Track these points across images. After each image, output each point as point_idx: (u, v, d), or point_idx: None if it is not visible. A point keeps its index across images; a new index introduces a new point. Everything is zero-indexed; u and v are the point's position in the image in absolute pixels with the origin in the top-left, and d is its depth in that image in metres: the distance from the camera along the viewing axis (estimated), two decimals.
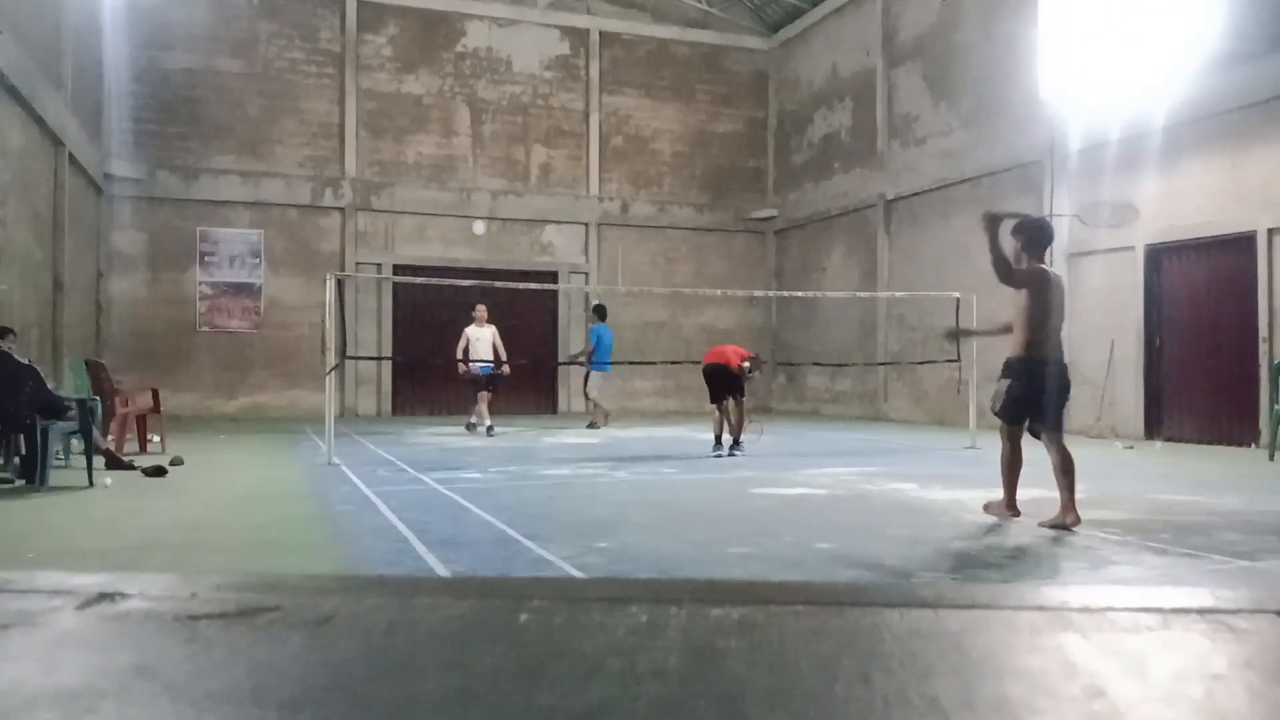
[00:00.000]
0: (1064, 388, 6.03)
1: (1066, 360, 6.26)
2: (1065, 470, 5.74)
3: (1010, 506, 6.00)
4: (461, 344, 14.27)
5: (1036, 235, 5.96)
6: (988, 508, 6.18)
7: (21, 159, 12.06)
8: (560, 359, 19.24)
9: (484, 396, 14.07)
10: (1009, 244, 5.96)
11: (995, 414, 6.05)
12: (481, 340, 14.17)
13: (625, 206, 20.83)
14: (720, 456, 10.62)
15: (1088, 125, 13.69)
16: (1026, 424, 5.99)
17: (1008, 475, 6.00)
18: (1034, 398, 5.84)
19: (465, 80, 19.89)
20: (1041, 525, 5.74)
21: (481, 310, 14.38)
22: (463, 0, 19.87)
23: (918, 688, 0.90)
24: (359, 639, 1.06)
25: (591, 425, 15.13)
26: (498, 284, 13.69)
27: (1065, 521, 5.67)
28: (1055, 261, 14.07)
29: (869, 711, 0.86)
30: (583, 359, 15.33)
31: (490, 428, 13.83)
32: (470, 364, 14.07)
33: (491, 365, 14.06)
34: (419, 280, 15.14)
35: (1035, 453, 6.01)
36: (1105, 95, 13.39)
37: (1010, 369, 5.92)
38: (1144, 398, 13.13)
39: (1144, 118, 12.75)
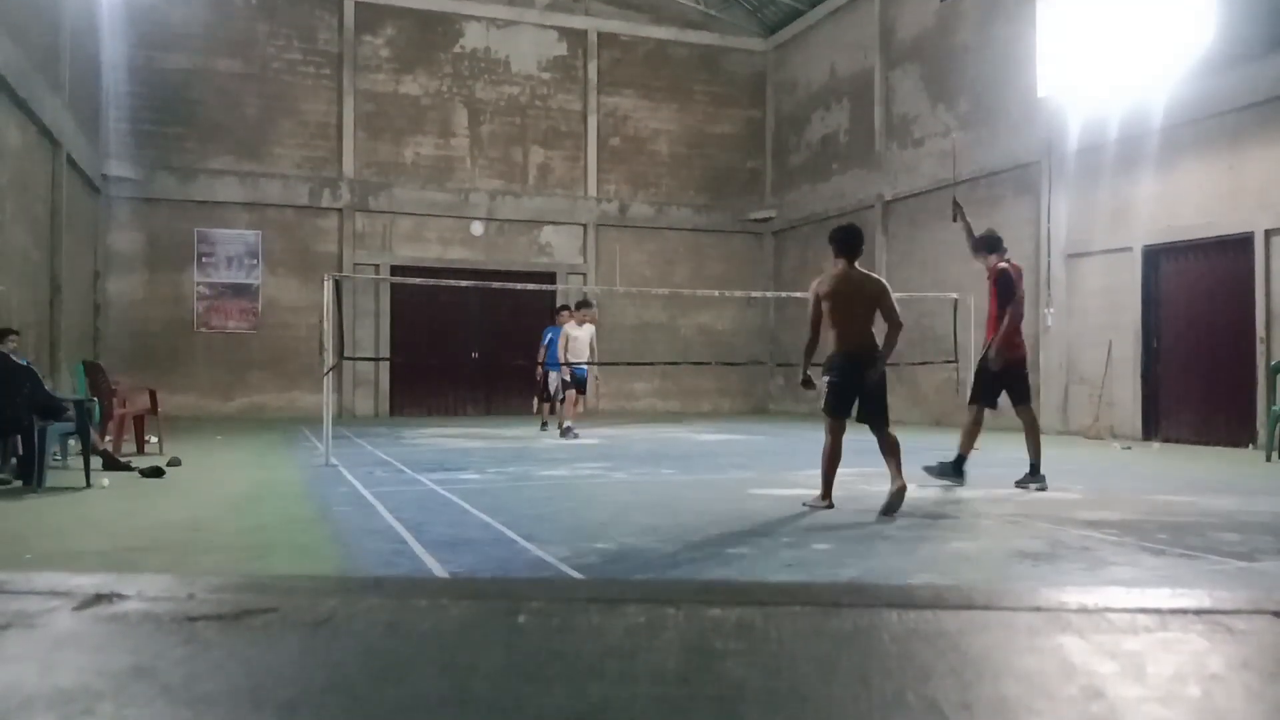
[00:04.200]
0: (872, 379, 6.56)
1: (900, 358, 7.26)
2: (893, 450, 6.53)
3: (826, 497, 6.59)
4: (561, 343, 13.39)
5: (842, 242, 6.87)
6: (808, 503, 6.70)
7: (19, 159, 12.05)
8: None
9: (572, 396, 13.47)
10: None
11: (822, 409, 6.73)
12: (579, 340, 13.35)
13: (623, 207, 20.84)
14: (956, 482, 7.85)
15: (1085, 126, 13.71)
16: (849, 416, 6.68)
17: (830, 468, 6.63)
18: (851, 389, 6.55)
19: (463, 81, 19.89)
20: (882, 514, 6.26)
21: (567, 315, 13.77)
22: (461, 1, 19.87)
23: (916, 688, 0.90)
24: (357, 640, 1.05)
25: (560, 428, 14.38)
26: (495, 285, 13.67)
27: (895, 488, 6.35)
28: (1053, 263, 14.20)
29: (867, 713, 0.86)
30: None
31: (569, 429, 13.24)
32: (566, 365, 13.30)
33: (585, 368, 13.42)
34: (417, 281, 15.12)
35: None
36: (1103, 96, 13.40)
37: (824, 367, 6.71)
38: (1141, 398, 13.14)
39: (1141, 119, 12.77)
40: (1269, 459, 10.10)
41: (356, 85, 19.09)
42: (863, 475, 8.50)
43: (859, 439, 6.74)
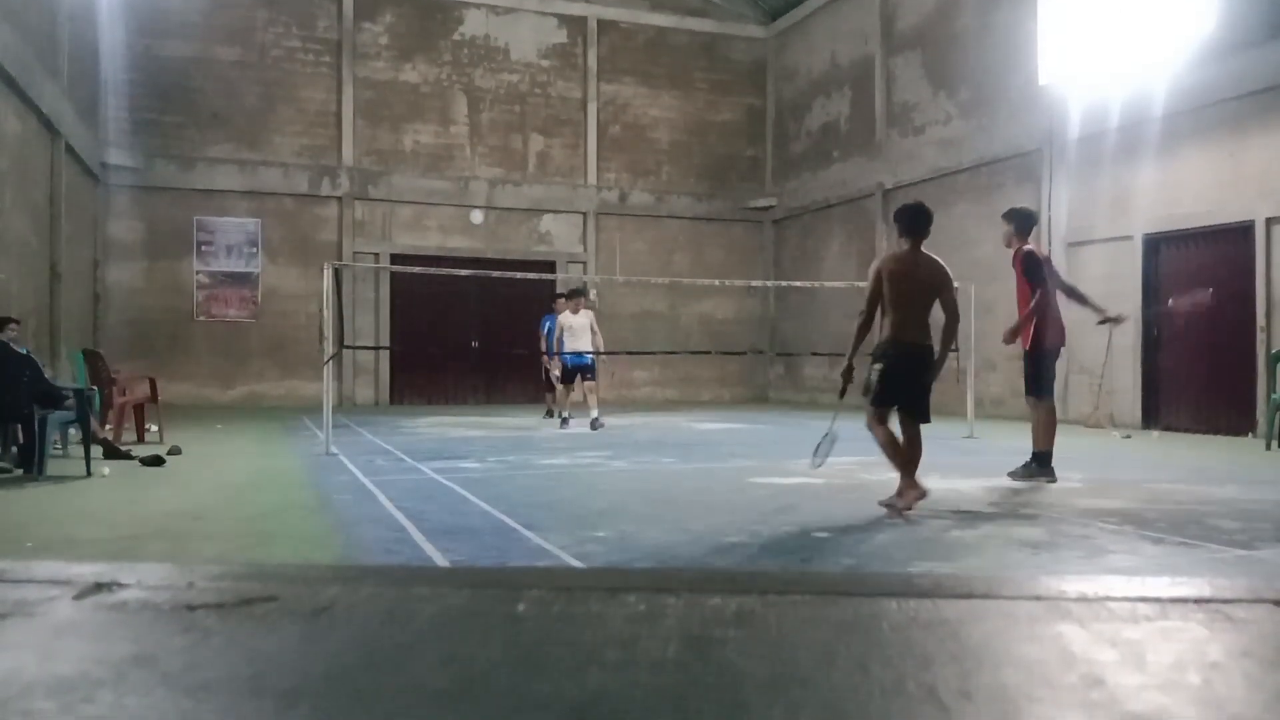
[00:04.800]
0: (923, 373, 6.18)
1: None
2: (915, 458, 6.09)
3: (914, 485, 6.02)
4: (557, 332, 13.19)
5: (908, 222, 6.40)
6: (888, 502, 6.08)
7: (18, 148, 12.03)
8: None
9: (563, 390, 13.33)
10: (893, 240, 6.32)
11: (870, 401, 6.15)
12: (575, 329, 12.99)
13: (623, 195, 20.81)
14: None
15: (1086, 114, 13.67)
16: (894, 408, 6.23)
17: (897, 456, 6.08)
18: (902, 380, 6.08)
19: (463, 69, 19.84)
20: (880, 503, 6.04)
21: (564, 303, 13.45)
22: None
23: (915, 676, 0.90)
24: (357, 629, 1.05)
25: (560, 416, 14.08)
26: (495, 273, 13.64)
27: (897, 504, 5.97)
28: (1054, 251, 14.18)
29: (867, 700, 0.86)
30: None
31: (566, 419, 13.13)
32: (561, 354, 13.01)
33: (589, 355, 13.05)
34: (416, 270, 15.09)
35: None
36: (1104, 84, 13.37)
37: (875, 354, 6.20)
38: (1141, 387, 13.15)
39: (1142, 106, 12.74)
40: (1269, 448, 10.11)
41: (356, 73, 19.04)
42: (862, 464, 8.51)
43: (853, 426, 6.69)
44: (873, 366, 6.14)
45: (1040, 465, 7.56)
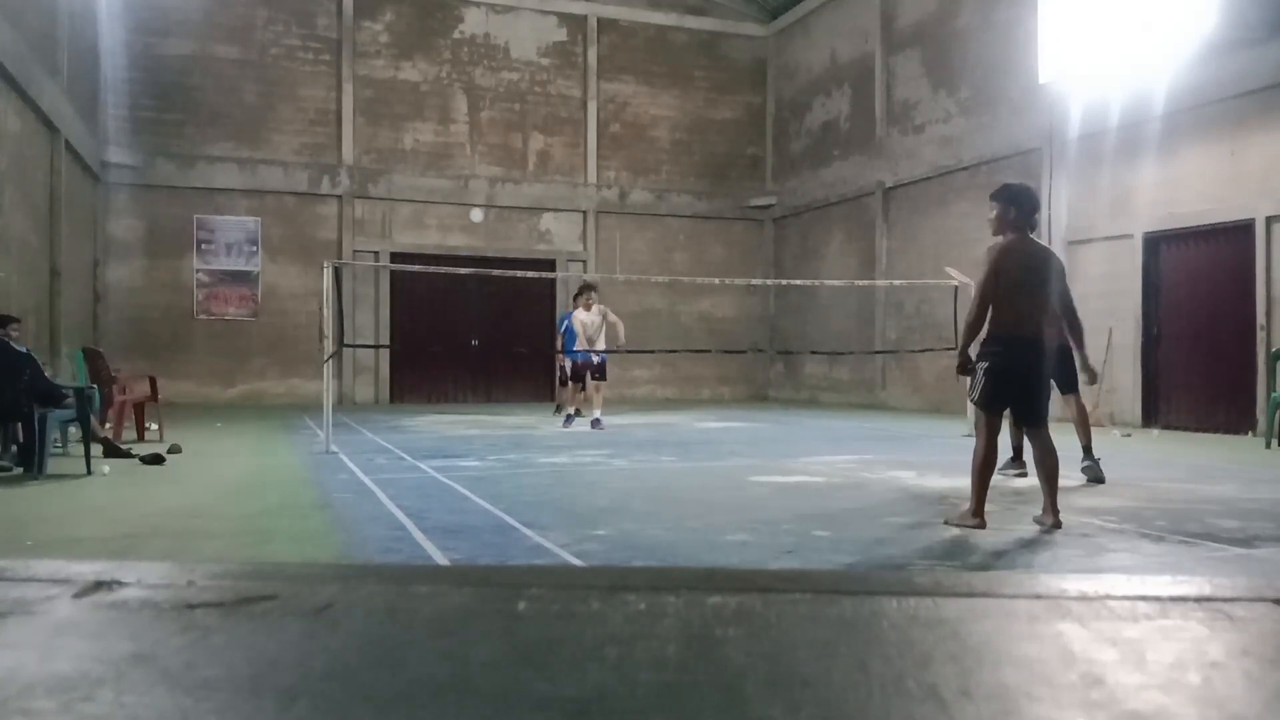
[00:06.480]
0: (1040, 372, 5.55)
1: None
2: (1051, 471, 5.45)
3: (978, 514, 5.39)
4: (578, 331, 13.03)
5: (1021, 202, 5.52)
6: (950, 521, 5.57)
7: (17, 146, 12.02)
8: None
9: (576, 386, 13.32)
10: (991, 211, 5.60)
11: (975, 402, 5.55)
12: (588, 326, 12.95)
13: (623, 194, 20.80)
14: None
15: (1087, 112, 13.66)
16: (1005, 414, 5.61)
17: (983, 476, 5.43)
18: (1016, 379, 5.44)
19: (462, 67, 19.83)
20: (1037, 520, 5.52)
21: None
22: None
23: (915, 675, 0.90)
24: (357, 627, 1.06)
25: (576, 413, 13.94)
26: (495, 272, 13.62)
27: (1046, 522, 5.44)
28: (1055, 249, 14.18)
29: (867, 699, 0.86)
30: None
31: (570, 417, 13.17)
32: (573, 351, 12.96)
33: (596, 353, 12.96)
34: (416, 268, 15.09)
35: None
36: (1105, 82, 13.35)
37: (982, 349, 5.51)
38: (1141, 385, 13.14)
39: (1143, 105, 12.73)
40: (1269, 446, 10.11)
41: (356, 71, 19.03)
42: (863, 462, 8.52)
43: (852, 425, 6.68)
44: (976, 364, 5.47)
45: (1013, 459, 7.63)
